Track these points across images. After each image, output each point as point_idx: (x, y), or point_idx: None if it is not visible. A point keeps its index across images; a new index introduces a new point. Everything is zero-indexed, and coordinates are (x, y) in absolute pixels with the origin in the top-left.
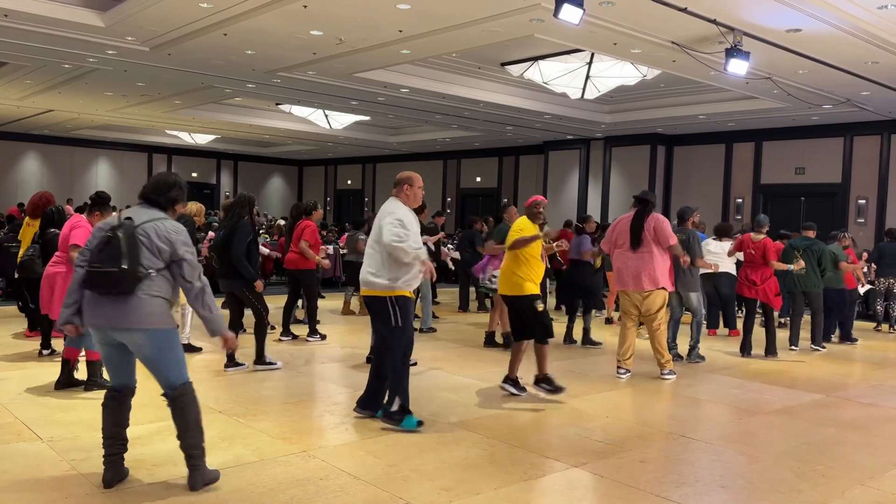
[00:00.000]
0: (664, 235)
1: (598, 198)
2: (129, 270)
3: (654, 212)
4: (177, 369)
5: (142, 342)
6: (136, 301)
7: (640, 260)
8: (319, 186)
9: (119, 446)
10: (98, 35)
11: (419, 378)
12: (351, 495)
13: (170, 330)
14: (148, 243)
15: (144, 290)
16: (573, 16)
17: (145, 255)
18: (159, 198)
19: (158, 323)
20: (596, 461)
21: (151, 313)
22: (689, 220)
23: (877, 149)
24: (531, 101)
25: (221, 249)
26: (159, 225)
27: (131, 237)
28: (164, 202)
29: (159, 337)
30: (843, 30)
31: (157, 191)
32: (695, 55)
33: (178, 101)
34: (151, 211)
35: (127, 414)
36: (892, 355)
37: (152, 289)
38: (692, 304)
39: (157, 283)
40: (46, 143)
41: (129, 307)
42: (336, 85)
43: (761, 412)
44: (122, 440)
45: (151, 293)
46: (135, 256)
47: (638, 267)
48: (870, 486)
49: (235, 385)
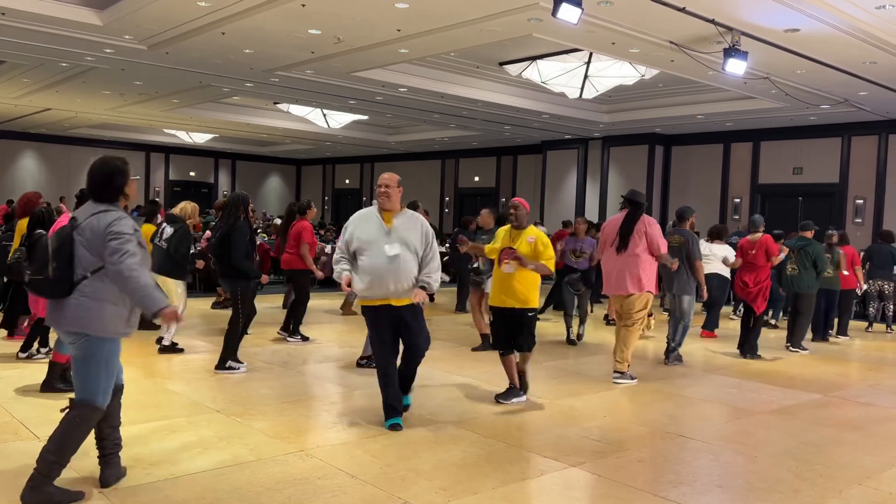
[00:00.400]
0: (655, 243)
1: (597, 197)
2: (56, 276)
3: (646, 214)
4: (92, 385)
5: (73, 343)
6: (75, 303)
7: (625, 263)
8: (317, 186)
9: (113, 446)
10: (96, 34)
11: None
12: (349, 494)
13: (104, 339)
14: (86, 243)
15: (84, 293)
16: (572, 15)
17: (83, 256)
18: (102, 193)
19: (92, 328)
20: (594, 461)
21: (85, 317)
22: (689, 220)
23: (874, 149)
24: (529, 101)
25: (219, 250)
26: (96, 220)
27: (63, 240)
28: (108, 197)
29: (90, 344)
30: (842, 30)
31: (104, 186)
32: (693, 55)
33: (175, 99)
34: (95, 206)
35: (117, 413)
36: (888, 355)
37: (92, 291)
38: (683, 306)
39: (97, 285)
40: (44, 141)
41: (68, 309)
42: (334, 84)
43: (759, 412)
44: (114, 440)
45: (91, 296)
46: (64, 261)
47: (623, 269)
48: (867, 486)
49: (233, 384)
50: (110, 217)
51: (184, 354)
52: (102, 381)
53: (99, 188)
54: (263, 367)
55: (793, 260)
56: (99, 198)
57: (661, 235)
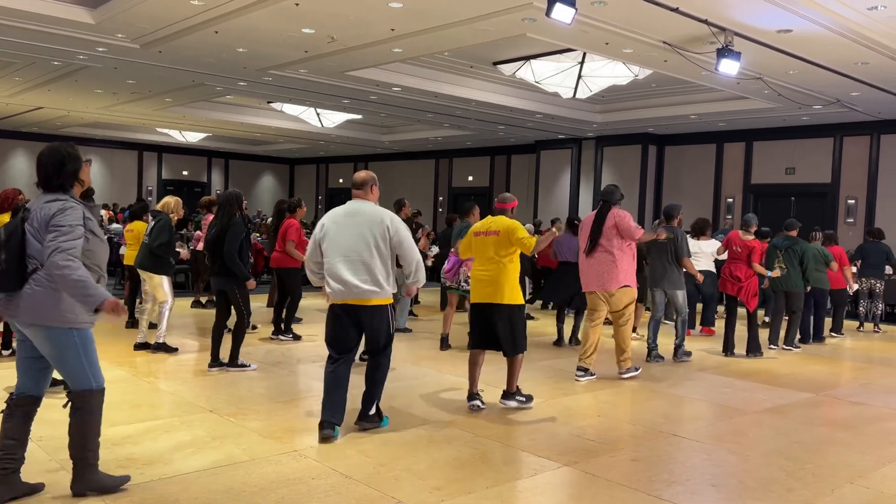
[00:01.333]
0: (628, 231)
1: (590, 197)
2: (5, 268)
3: (618, 207)
4: (80, 373)
5: (40, 338)
6: (31, 294)
7: (599, 263)
8: (311, 185)
9: (11, 461)
10: (88, 32)
11: (409, 378)
12: (342, 495)
13: (70, 329)
14: (35, 232)
15: (39, 283)
16: (565, 15)
17: (32, 246)
18: (54, 181)
19: (54, 320)
20: (587, 460)
21: (45, 307)
22: (677, 218)
23: (866, 149)
24: (523, 101)
25: (214, 247)
26: (43, 209)
27: (13, 232)
28: (60, 184)
29: (56, 336)
30: (834, 30)
31: (56, 173)
32: (686, 55)
33: (168, 98)
34: (46, 195)
35: (27, 426)
36: (879, 354)
37: (44, 282)
38: (678, 302)
39: None
40: (35, 140)
41: (24, 301)
42: (328, 83)
43: (752, 411)
44: (14, 454)
45: (47, 286)
46: (14, 252)
47: (599, 270)
48: (859, 485)
49: (226, 384)
50: (54, 207)
51: (176, 354)
52: (86, 367)
53: (51, 175)
54: (257, 367)
55: (780, 259)
56: (51, 186)
57: (632, 221)
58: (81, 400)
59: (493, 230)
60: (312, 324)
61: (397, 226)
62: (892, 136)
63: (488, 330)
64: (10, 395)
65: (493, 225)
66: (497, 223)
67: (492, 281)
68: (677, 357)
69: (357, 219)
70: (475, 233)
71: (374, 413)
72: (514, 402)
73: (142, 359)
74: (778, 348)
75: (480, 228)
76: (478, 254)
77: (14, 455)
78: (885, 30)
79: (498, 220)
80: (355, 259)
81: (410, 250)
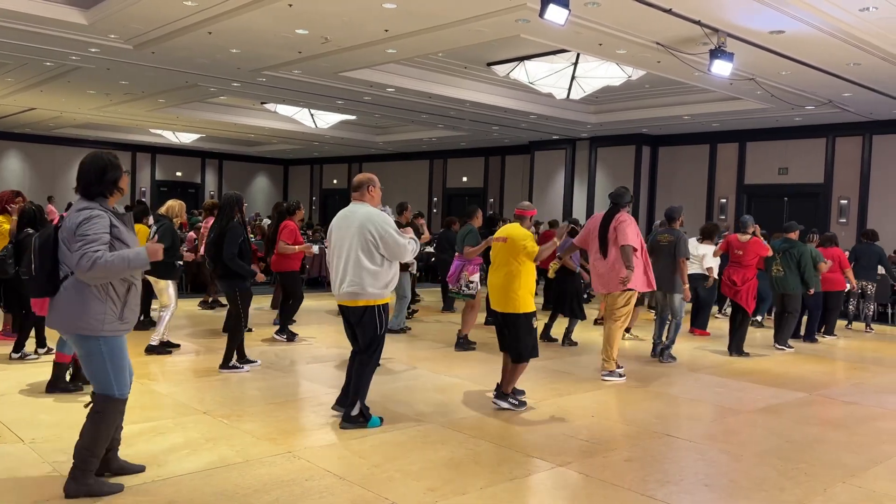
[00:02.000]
0: (622, 234)
1: (584, 197)
2: (39, 276)
3: (625, 210)
4: (103, 380)
5: (74, 344)
6: (62, 302)
7: (612, 264)
8: (305, 186)
9: None
10: (81, 33)
11: (405, 379)
12: (336, 496)
13: (96, 338)
14: (65, 240)
15: (69, 290)
16: (559, 16)
17: (64, 253)
18: (94, 188)
19: (83, 328)
20: (581, 460)
21: (75, 314)
22: (678, 220)
23: (858, 150)
24: (517, 101)
25: (214, 250)
26: (72, 217)
27: (47, 239)
28: (100, 191)
29: (84, 344)
30: (826, 31)
31: (97, 180)
32: (679, 56)
33: (162, 99)
34: (80, 202)
35: None
36: (871, 354)
37: (74, 289)
38: (675, 305)
39: (80, 282)
40: (28, 141)
41: (56, 309)
42: (322, 84)
43: (745, 411)
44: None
45: (73, 293)
46: (46, 259)
47: (610, 271)
48: (851, 484)
49: (220, 386)
50: (81, 216)
51: (171, 356)
52: (111, 374)
53: (92, 182)
54: (252, 369)
55: (778, 262)
56: (90, 193)
57: (630, 228)
58: (101, 404)
59: (502, 237)
60: (308, 325)
61: (379, 223)
62: (884, 137)
63: (502, 336)
64: (92, 393)
65: (503, 231)
66: (506, 230)
67: (501, 287)
68: (664, 359)
69: (349, 221)
70: (494, 238)
71: (358, 413)
72: (506, 403)
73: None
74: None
75: (497, 234)
76: (493, 260)
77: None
78: (877, 31)
79: (507, 228)
80: (345, 261)
81: (394, 247)
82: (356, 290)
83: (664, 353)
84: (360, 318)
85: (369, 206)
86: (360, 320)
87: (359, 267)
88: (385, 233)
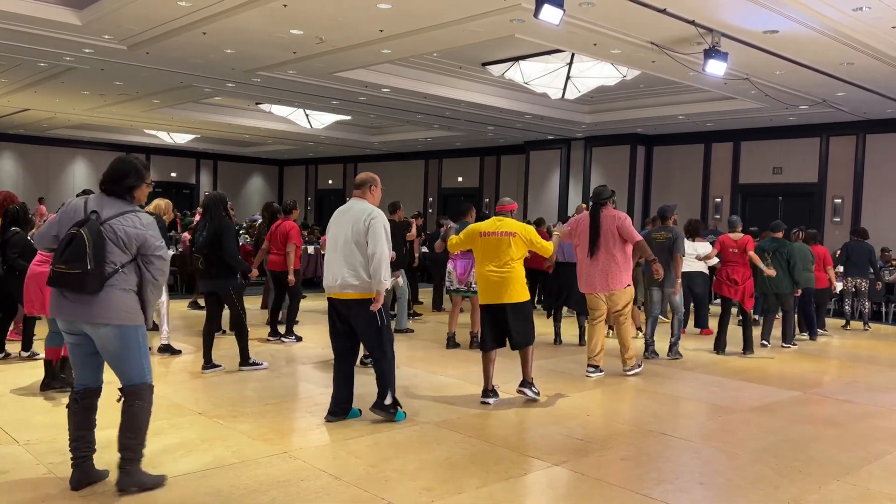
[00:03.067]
0: (629, 234)
1: (579, 197)
2: (95, 271)
3: (614, 208)
4: (138, 368)
5: (109, 337)
6: (105, 296)
7: (603, 264)
8: (300, 186)
9: (85, 449)
10: (74, 33)
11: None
12: (332, 496)
13: (137, 327)
14: (115, 238)
15: (113, 286)
16: (553, 16)
17: (112, 251)
18: (115, 187)
19: (127, 319)
20: (577, 459)
21: (120, 308)
22: (672, 218)
23: (852, 149)
24: (512, 102)
25: (208, 250)
26: (127, 219)
27: (97, 235)
28: (120, 192)
29: (126, 333)
30: (819, 31)
31: (114, 180)
32: (674, 56)
33: (156, 100)
34: (117, 203)
35: (92, 416)
36: (865, 352)
37: (122, 283)
38: (674, 301)
39: (126, 277)
40: (22, 142)
41: (99, 302)
42: (316, 84)
43: (740, 409)
44: (87, 443)
45: (121, 288)
46: (100, 255)
47: (605, 271)
48: (846, 482)
49: (216, 386)
50: (143, 219)
51: (166, 356)
52: (144, 361)
53: (114, 183)
54: (247, 369)
55: (769, 262)
56: (115, 193)
57: (632, 227)
58: (139, 392)
59: (505, 231)
60: (303, 326)
61: (373, 218)
62: (878, 136)
63: (502, 329)
64: (74, 392)
65: (505, 226)
66: (508, 225)
67: (506, 281)
68: (671, 354)
69: (346, 216)
70: (482, 232)
71: (391, 403)
72: (530, 392)
73: None
74: (770, 346)
75: (489, 228)
76: (485, 254)
77: (88, 444)
78: (871, 30)
79: (508, 223)
80: (340, 253)
81: (375, 243)
82: (352, 282)
83: (671, 348)
84: (356, 312)
85: (367, 203)
86: (357, 314)
87: (353, 259)
88: (375, 230)
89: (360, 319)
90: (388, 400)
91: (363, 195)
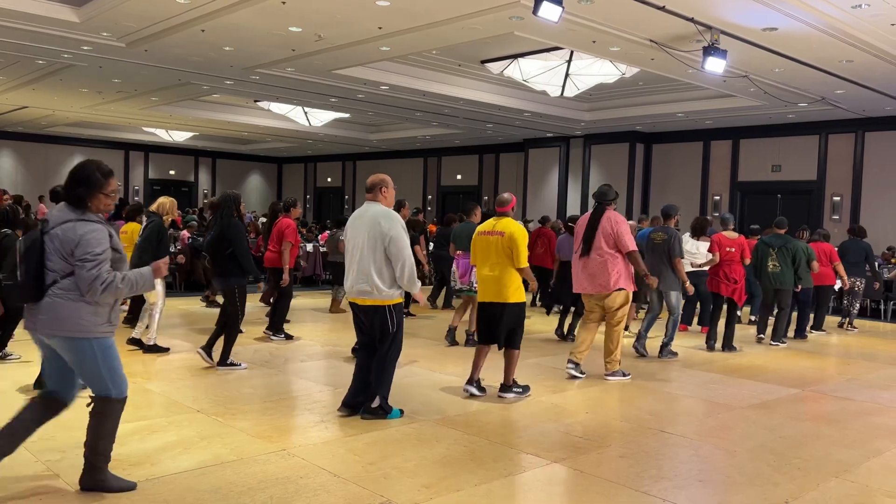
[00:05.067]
0: (623, 241)
1: (578, 195)
2: (25, 281)
3: (614, 210)
4: (98, 381)
5: (63, 348)
6: (50, 306)
7: (592, 265)
8: (299, 184)
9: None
10: (73, 31)
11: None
12: (331, 493)
13: (91, 339)
14: (54, 247)
15: (58, 295)
16: (552, 13)
17: (52, 260)
18: (67, 195)
19: (76, 330)
20: (576, 456)
21: (68, 318)
22: (674, 218)
23: (851, 146)
24: (511, 99)
25: (215, 249)
26: (68, 227)
27: (33, 244)
28: (71, 200)
29: (78, 346)
30: (818, 28)
31: (66, 188)
32: (673, 53)
33: (154, 97)
34: (66, 211)
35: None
36: (863, 350)
37: (67, 293)
38: (671, 302)
39: (69, 286)
40: (20, 140)
41: (45, 312)
42: (315, 82)
43: (738, 407)
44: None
45: (67, 298)
46: (34, 264)
47: (592, 272)
48: (845, 479)
49: (214, 384)
50: (84, 231)
51: (165, 354)
52: (105, 375)
53: (67, 191)
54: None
55: (774, 257)
56: (65, 198)
57: (629, 233)
58: (100, 405)
59: (498, 231)
60: (301, 324)
61: (391, 223)
62: (877, 134)
63: (493, 327)
64: (44, 391)
65: (499, 226)
66: (503, 225)
67: (497, 280)
68: (663, 355)
69: (362, 220)
70: (479, 232)
71: (378, 406)
72: (511, 394)
73: (129, 359)
74: (766, 340)
75: (485, 228)
76: (482, 253)
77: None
78: (870, 28)
79: (504, 223)
80: (357, 260)
81: (399, 250)
82: (365, 289)
83: (664, 349)
84: (370, 318)
85: (381, 206)
86: (371, 320)
87: (368, 265)
88: (396, 236)
89: (372, 324)
90: (375, 403)
91: (375, 198)
